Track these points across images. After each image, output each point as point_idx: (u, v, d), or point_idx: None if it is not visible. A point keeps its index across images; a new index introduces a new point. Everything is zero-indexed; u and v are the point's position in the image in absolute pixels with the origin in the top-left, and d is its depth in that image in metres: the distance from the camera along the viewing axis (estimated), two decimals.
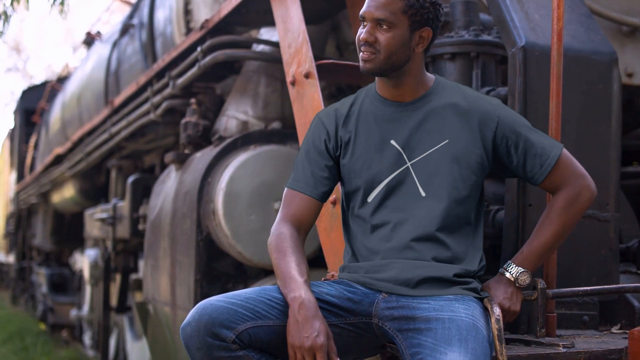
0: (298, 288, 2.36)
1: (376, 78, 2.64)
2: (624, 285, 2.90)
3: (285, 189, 2.65)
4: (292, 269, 2.43)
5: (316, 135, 2.65)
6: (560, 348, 2.52)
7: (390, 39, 2.48)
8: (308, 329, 2.28)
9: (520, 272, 2.55)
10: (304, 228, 2.60)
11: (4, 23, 6.19)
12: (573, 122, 2.92)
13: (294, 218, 2.59)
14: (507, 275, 2.56)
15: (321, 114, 2.70)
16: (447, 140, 2.54)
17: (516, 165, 2.57)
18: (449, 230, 2.53)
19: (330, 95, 4.60)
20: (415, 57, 2.54)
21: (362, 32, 2.52)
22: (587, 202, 2.57)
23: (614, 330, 2.98)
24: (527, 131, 2.56)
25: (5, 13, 6.03)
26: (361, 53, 2.53)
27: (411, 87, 2.59)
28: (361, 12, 2.53)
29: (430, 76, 2.64)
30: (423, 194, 2.53)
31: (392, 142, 2.57)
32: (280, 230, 2.56)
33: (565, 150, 2.57)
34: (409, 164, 2.55)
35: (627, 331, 2.76)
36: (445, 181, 2.52)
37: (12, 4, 5.93)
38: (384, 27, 2.48)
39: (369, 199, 2.58)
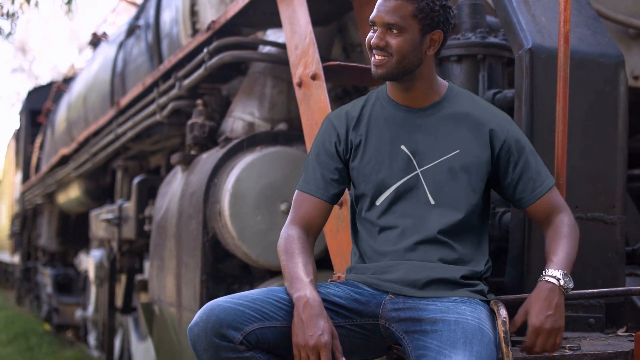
0: (303, 287, 2.37)
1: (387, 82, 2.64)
2: (630, 287, 2.89)
3: (296, 191, 2.66)
4: (298, 269, 2.43)
5: (326, 138, 2.65)
6: (567, 350, 2.52)
7: (402, 42, 2.48)
8: (312, 328, 2.29)
9: (563, 274, 2.43)
10: (313, 231, 2.61)
11: (11, 24, 6.21)
12: (580, 125, 2.92)
13: (303, 221, 2.59)
14: (551, 279, 2.42)
15: (332, 116, 2.69)
16: (457, 150, 2.54)
17: (509, 183, 2.58)
18: (456, 235, 2.53)
19: (337, 97, 4.61)
20: (426, 60, 2.54)
21: (372, 37, 2.51)
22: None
23: (619, 333, 2.98)
24: (529, 153, 2.57)
25: (13, 14, 6.05)
26: (373, 58, 2.53)
27: (423, 92, 2.59)
28: (371, 17, 2.52)
29: (443, 82, 2.64)
30: (432, 201, 2.54)
31: (403, 147, 2.57)
32: (289, 233, 2.57)
33: (555, 185, 2.61)
34: (418, 170, 2.55)
35: (633, 334, 2.76)
36: (455, 190, 2.53)
37: (20, 5, 5.94)
38: (395, 31, 2.48)
39: (377, 203, 2.58)
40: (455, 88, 2.65)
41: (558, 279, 2.42)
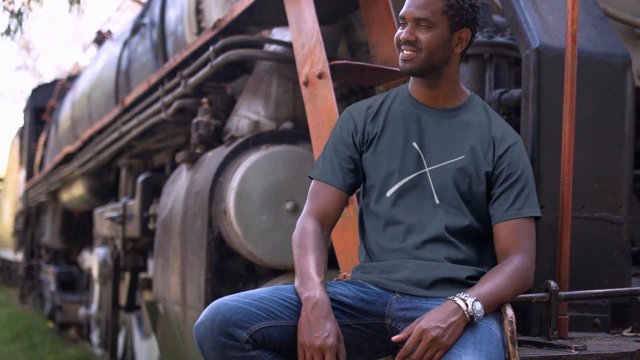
0: (314, 288, 2.37)
1: (411, 79, 2.66)
2: (636, 288, 2.90)
3: (313, 181, 2.66)
4: (310, 267, 2.43)
5: (344, 129, 2.67)
6: (572, 350, 2.52)
7: (431, 37, 2.50)
8: (319, 329, 2.29)
9: (474, 301, 2.32)
10: (328, 223, 2.61)
11: (18, 22, 6.21)
12: (586, 125, 2.92)
13: (319, 212, 2.60)
14: (459, 301, 2.31)
15: (351, 109, 2.72)
16: (463, 156, 2.55)
17: (492, 195, 2.55)
18: (461, 236, 2.54)
19: (342, 96, 4.61)
20: (453, 58, 2.56)
21: (402, 32, 2.54)
22: (527, 288, 2.49)
23: (625, 333, 2.98)
24: (524, 178, 2.54)
25: (20, 13, 6.05)
26: (401, 53, 2.55)
27: (445, 93, 2.60)
28: (401, 13, 2.55)
29: (465, 90, 2.67)
30: (437, 201, 2.55)
31: (414, 144, 2.58)
32: (304, 225, 2.57)
33: (533, 224, 2.53)
34: (427, 169, 2.57)
35: (639, 334, 2.76)
36: (458, 193, 2.54)
37: (28, 2, 5.94)
38: (425, 26, 2.50)
39: (385, 195, 2.59)
40: (476, 98, 2.67)
41: (466, 303, 2.30)
